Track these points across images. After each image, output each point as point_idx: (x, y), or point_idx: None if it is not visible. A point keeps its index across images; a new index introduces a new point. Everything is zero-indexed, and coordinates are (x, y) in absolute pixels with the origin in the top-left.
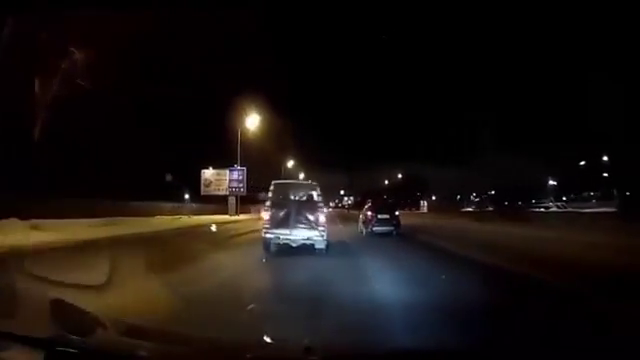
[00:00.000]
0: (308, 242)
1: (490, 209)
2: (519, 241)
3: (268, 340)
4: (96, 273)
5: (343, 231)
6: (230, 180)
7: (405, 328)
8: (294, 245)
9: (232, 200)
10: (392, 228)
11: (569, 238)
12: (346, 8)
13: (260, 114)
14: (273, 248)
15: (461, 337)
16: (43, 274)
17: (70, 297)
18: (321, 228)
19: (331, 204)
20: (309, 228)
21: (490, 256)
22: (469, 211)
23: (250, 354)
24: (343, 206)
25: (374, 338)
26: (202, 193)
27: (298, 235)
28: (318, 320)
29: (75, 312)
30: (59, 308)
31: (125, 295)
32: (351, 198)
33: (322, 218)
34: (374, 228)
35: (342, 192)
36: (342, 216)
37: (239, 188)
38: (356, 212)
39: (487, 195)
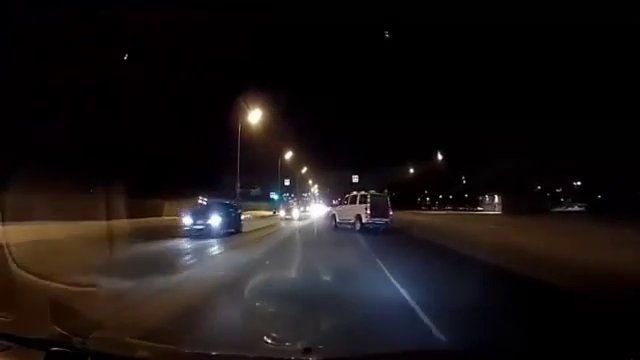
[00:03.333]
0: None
1: (578, 208)
2: None
3: (268, 340)
4: None
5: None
6: None
7: None
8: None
9: None
10: None
11: None
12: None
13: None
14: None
15: None
16: None
17: None
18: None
19: (334, 202)
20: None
21: None
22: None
23: (250, 354)
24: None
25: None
26: None
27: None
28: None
29: (75, 313)
30: (59, 309)
31: None
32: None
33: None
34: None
35: (355, 180)
36: None
37: None
38: None
39: (573, 187)
